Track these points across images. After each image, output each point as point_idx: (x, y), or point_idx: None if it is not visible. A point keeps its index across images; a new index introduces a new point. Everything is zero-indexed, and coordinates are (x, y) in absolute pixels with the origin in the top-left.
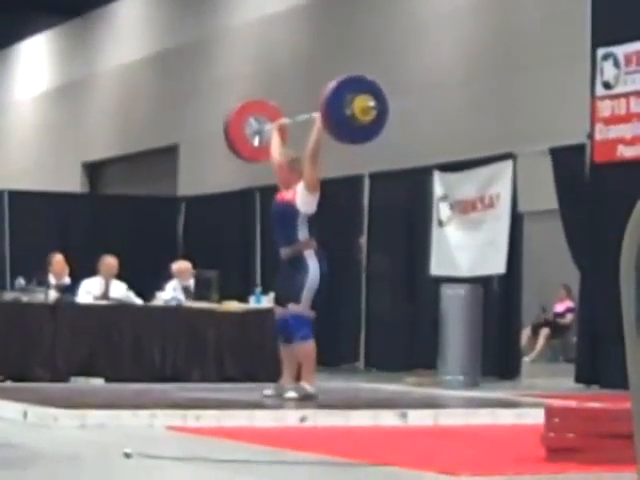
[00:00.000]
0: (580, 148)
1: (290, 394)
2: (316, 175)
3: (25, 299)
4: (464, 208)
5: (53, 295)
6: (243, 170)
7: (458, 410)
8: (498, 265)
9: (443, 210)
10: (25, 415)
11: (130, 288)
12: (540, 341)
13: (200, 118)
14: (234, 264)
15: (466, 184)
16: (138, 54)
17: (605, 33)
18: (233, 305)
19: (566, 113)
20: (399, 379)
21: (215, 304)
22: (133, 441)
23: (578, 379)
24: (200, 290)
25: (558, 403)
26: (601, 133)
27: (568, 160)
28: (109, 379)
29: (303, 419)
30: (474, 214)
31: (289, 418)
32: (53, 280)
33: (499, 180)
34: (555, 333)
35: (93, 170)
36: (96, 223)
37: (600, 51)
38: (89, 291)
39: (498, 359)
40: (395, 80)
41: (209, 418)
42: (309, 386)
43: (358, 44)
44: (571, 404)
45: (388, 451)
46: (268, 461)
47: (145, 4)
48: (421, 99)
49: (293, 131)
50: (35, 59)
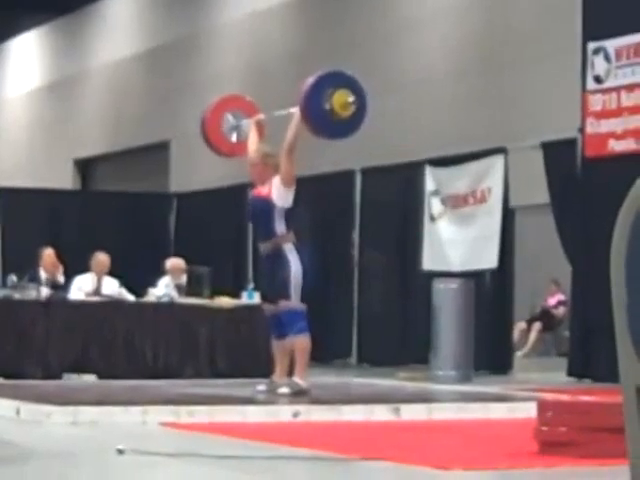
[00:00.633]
0: (571, 142)
1: (283, 389)
2: (292, 169)
3: (17, 296)
4: (456, 203)
5: (45, 291)
6: (235, 166)
7: (451, 404)
8: (490, 260)
9: (435, 205)
10: (18, 412)
11: (122, 285)
12: (532, 335)
13: (191, 114)
14: (226, 260)
15: (458, 179)
16: (129, 51)
17: (596, 27)
18: (225, 301)
19: (557, 107)
20: (392, 374)
21: (207, 300)
22: (126, 437)
23: (570, 373)
24: (192, 286)
25: (550, 397)
26: (592, 127)
27: (559, 154)
28: (102, 376)
29: (296, 414)
30: (466, 209)
31: (282, 413)
32: (44, 275)
33: (491, 175)
34: (547, 327)
35: (85, 167)
36: (88, 220)
37: (591, 45)
38: (81, 288)
39: (490, 353)
40: (386, 76)
41: (202, 414)
42: (302, 381)
43: (349, 40)
44: (563, 398)
45: (381, 446)
46: (261, 456)
47: (136, 1)
48: (412, 94)
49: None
50: (26, 56)
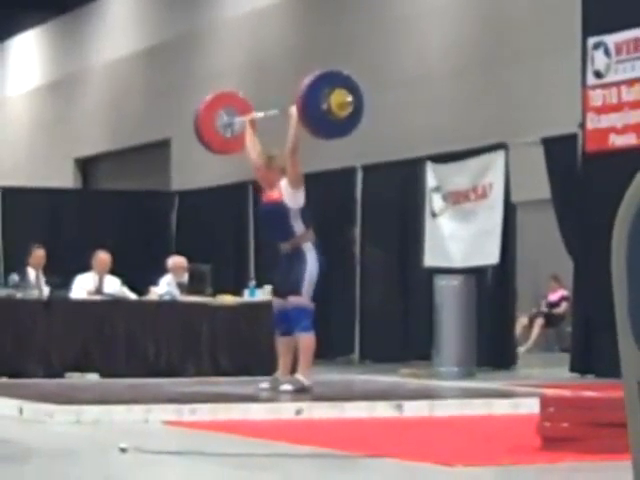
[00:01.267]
0: (572, 138)
1: (285, 387)
2: (298, 170)
3: (19, 295)
4: (457, 199)
5: (46, 290)
6: (236, 164)
7: (453, 401)
8: (491, 255)
9: (436, 201)
10: (21, 411)
11: (124, 283)
12: (535, 331)
13: (192, 112)
14: (228, 258)
15: (459, 175)
16: (129, 49)
17: (595, 22)
18: (227, 299)
19: (557, 103)
20: (394, 371)
21: (209, 298)
22: (128, 436)
23: (573, 368)
24: (194, 284)
25: (553, 393)
26: (592, 122)
27: (560, 150)
28: (104, 374)
29: (299, 412)
30: (467, 205)
31: (284, 411)
32: (32, 273)
33: (491, 170)
34: (550, 323)
35: (85, 165)
36: (89, 218)
37: (591, 40)
38: (83, 287)
39: (493, 349)
40: (386, 72)
41: (204, 412)
42: (304, 378)
43: (349, 37)
44: (566, 393)
45: (384, 442)
46: (264, 454)
47: None
48: (413, 91)
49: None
50: (26, 55)
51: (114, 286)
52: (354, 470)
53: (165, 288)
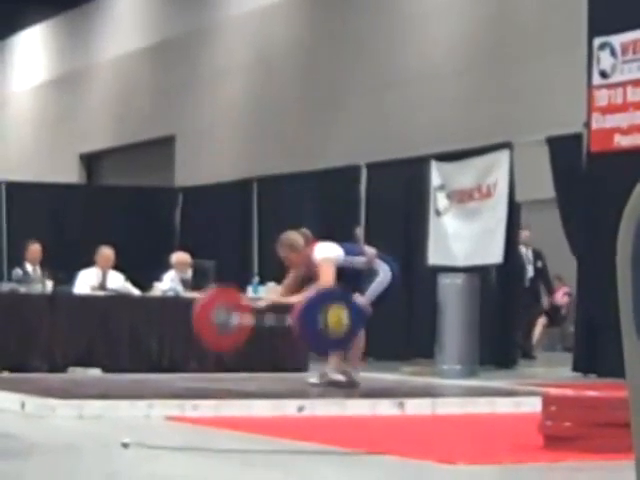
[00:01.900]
0: (577, 137)
1: (333, 376)
2: (330, 277)
3: (22, 290)
4: (461, 198)
5: (49, 285)
6: (240, 160)
7: (456, 399)
8: (495, 254)
9: (440, 200)
10: (23, 406)
11: (128, 279)
12: (538, 330)
13: (197, 109)
14: (231, 254)
15: (463, 174)
16: (135, 45)
17: (602, 22)
18: None
19: (563, 102)
20: (397, 368)
21: None
22: (131, 431)
23: (576, 368)
24: (197, 280)
25: (555, 392)
26: (598, 122)
27: (565, 149)
28: (107, 369)
29: (301, 408)
30: (471, 204)
31: (287, 407)
32: (30, 268)
33: (496, 169)
34: (553, 322)
35: (90, 161)
36: (93, 214)
37: (597, 40)
38: (86, 282)
39: (495, 348)
40: (392, 70)
41: (207, 408)
42: (334, 372)
43: (355, 34)
44: (568, 393)
45: (386, 440)
46: (266, 450)
47: None
48: (418, 89)
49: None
50: (32, 51)
51: (118, 282)
52: (356, 467)
53: (168, 284)
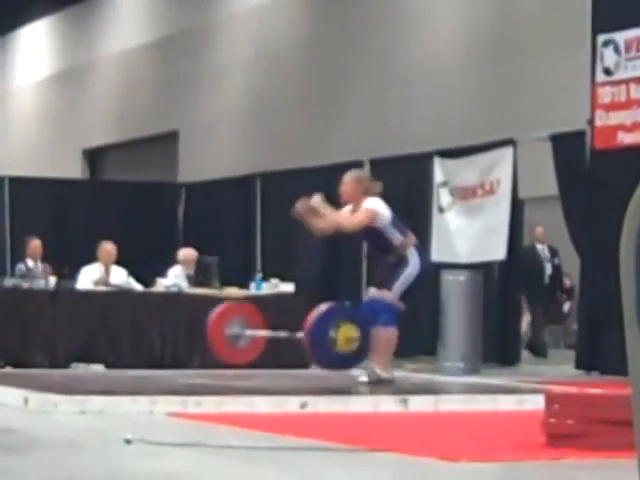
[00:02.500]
0: (580, 134)
1: (362, 378)
2: (363, 221)
3: (25, 285)
4: (464, 194)
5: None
6: (243, 156)
7: (458, 396)
8: (498, 251)
9: (443, 196)
10: (26, 401)
11: (130, 274)
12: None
13: (200, 104)
14: (235, 250)
15: (466, 170)
16: (138, 40)
17: (605, 19)
18: (234, 291)
19: (566, 99)
20: (399, 365)
21: (215, 290)
22: (133, 427)
23: (578, 365)
24: (200, 276)
25: (558, 389)
26: (601, 119)
27: (568, 146)
28: (109, 365)
29: (303, 405)
30: (474, 200)
31: (289, 404)
32: (31, 264)
33: (499, 166)
34: (555, 320)
35: (93, 156)
36: (96, 209)
37: (600, 37)
38: (89, 278)
39: (498, 345)
40: (395, 66)
41: (209, 404)
42: (381, 371)
43: (357, 30)
44: (571, 390)
45: (388, 437)
46: (268, 447)
47: None
48: (421, 85)
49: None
50: (35, 45)
51: (120, 277)
52: (358, 464)
53: (173, 280)
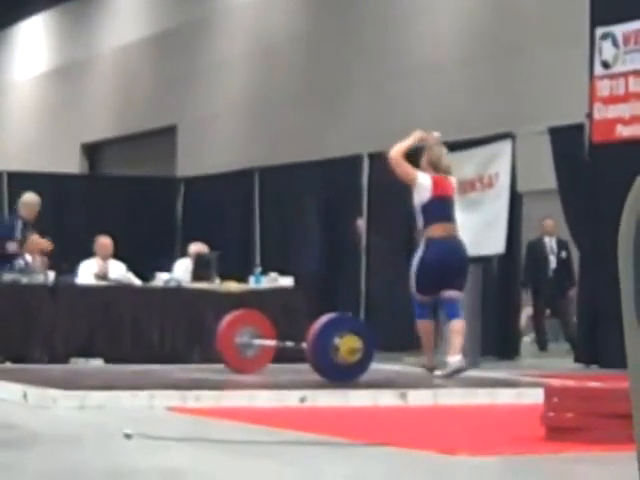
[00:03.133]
0: (579, 128)
1: (456, 365)
2: (403, 171)
3: (24, 280)
4: (463, 188)
5: (52, 276)
6: (242, 150)
7: (457, 390)
8: (497, 245)
9: None
10: (25, 396)
11: (129, 269)
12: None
13: (199, 99)
14: (233, 244)
15: (465, 164)
16: (137, 35)
17: (604, 12)
18: (233, 286)
19: (565, 93)
20: (399, 359)
21: (214, 285)
22: (133, 422)
23: (577, 359)
24: (199, 270)
25: (557, 383)
26: (600, 113)
27: (567, 140)
28: (108, 360)
29: (303, 399)
30: (473, 194)
31: (289, 398)
32: (29, 258)
33: (498, 160)
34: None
35: (92, 151)
36: (95, 204)
37: (599, 30)
38: (89, 272)
39: (497, 339)
40: (394, 60)
41: (209, 399)
42: (427, 361)
43: (357, 24)
44: (570, 384)
45: (388, 431)
46: (268, 441)
47: None
48: (420, 79)
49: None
50: (34, 40)
51: (119, 271)
52: (358, 458)
53: (181, 273)
